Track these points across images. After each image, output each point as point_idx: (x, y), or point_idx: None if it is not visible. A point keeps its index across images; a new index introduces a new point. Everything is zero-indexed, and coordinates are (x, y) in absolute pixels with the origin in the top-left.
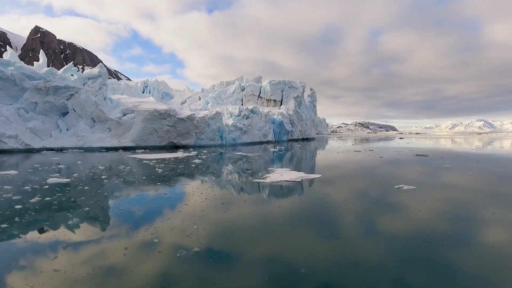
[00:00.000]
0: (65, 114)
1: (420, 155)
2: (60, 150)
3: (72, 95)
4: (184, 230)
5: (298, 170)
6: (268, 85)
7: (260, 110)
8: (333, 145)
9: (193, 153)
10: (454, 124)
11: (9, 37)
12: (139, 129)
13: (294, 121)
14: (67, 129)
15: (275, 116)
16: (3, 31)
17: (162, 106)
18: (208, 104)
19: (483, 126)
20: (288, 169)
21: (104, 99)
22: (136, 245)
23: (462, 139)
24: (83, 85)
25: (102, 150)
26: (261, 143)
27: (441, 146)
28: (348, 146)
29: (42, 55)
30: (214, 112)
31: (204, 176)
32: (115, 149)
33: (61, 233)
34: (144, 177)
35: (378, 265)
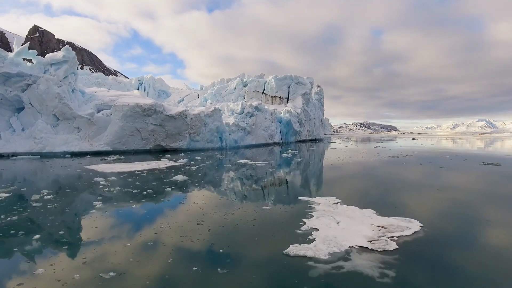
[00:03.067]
0: (19, 110)
1: (488, 164)
2: (10, 156)
3: (28, 85)
4: None
5: (355, 203)
6: (273, 80)
7: (266, 107)
8: (351, 148)
9: (182, 161)
10: (456, 124)
11: (7, 37)
12: (117, 128)
13: (302, 120)
14: (23, 129)
15: (281, 115)
16: (2, 30)
17: (146, 100)
18: (207, 102)
19: (485, 126)
20: (335, 198)
21: (72, 91)
22: None
23: (485, 139)
24: (44, 72)
25: (67, 155)
26: (266, 145)
27: (481, 148)
28: (370, 149)
29: (16, 46)
30: (212, 108)
31: (176, 225)
32: (85, 154)
33: None
34: (23, 245)
35: None
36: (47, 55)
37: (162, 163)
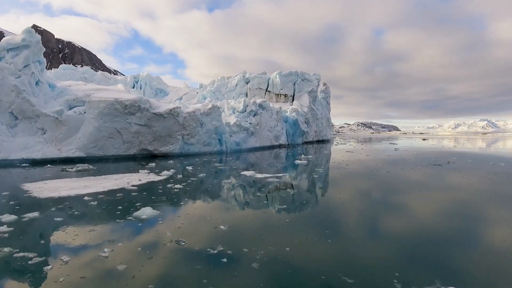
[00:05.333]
0: None
1: None
2: None
3: None
4: None
5: None
6: (277, 76)
7: (271, 105)
8: (368, 150)
9: (166, 173)
10: (457, 124)
11: (6, 36)
12: (92, 130)
13: (309, 120)
14: None
15: (287, 114)
16: (1, 30)
17: (128, 95)
18: (206, 100)
19: (487, 126)
20: None
21: (36, 83)
22: None
23: (493, 139)
24: None
25: (25, 164)
26: (272, 147)
27: None
28: (392, 152)
29: None
30: (210, 106)
31: None
32: (51, 161)
33: None
34: None
35: None
36: (3, 39)
37: (137, 178)
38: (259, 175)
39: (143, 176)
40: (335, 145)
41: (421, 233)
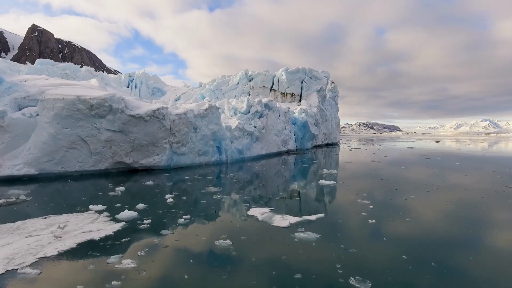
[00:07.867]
0: None
1: None
2: None
3: None
4: None
5: None
6: (283, 73)
7: (277, 105)
8: (394, 158)
9: (127, 216)
10: (459, 124)
11: (6, 36)
12: (47, 138)
13: (319, 121)
14: None
15: (296, 115)
16: (0, 30)
17: (96, 92)
18: (205, 99)
19: (489, 126)
20: None
21: None
22: None
23: (498, 140)
24: None
25: None
26: (279, 154)
27: None
28: (419, 158)
29: None
30: (206, 106)
31: None
32: None
33: None
34: None
35: None
36: None
37: (67, 231)
38: (278, 220)
39: (82, 225)
40: (349, 150)
41: None
